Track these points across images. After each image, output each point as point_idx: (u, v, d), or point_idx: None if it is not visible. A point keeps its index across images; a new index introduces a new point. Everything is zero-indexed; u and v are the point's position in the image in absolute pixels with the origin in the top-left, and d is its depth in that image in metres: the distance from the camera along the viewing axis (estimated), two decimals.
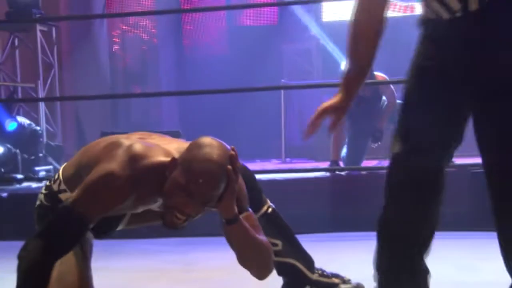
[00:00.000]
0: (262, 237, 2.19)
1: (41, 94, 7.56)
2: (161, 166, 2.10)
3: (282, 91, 7.77)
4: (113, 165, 2.07)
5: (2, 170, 6.23)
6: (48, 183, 2.39)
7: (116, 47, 9.15)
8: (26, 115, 7.39)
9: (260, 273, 2.22)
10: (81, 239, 2.14)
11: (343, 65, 5.80)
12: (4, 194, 5.12)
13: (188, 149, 2.10)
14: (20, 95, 7.72)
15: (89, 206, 2.06)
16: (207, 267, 3.81)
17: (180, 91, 8.54)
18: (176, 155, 2.12)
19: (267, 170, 5.67)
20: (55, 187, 2.34)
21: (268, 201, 2.75)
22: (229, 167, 2.05)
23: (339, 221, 4.79)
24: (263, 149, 8.05)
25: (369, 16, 2.08)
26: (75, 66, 8.13)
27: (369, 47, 2.12)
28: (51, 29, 7.85)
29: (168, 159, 2.11)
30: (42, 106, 7.52)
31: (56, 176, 2.36)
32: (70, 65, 8.18)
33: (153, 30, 9.21)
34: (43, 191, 2.39)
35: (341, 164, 5.75)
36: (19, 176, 6.06)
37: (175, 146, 2.21)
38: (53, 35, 7.90)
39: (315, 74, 8.50)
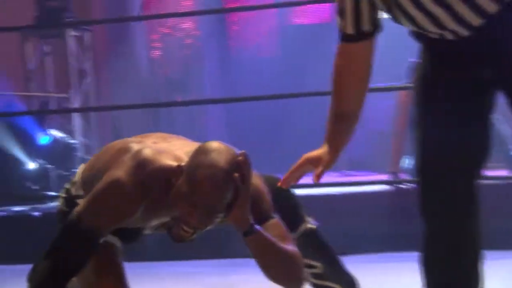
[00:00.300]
0: (290, 247, 2.18)
1: (75, 104, 7.69)
2: (169, 172, 2.12)
3: None
4: (120, 172, 2.12)
5: (35, 187, 6.36)
6: (67, 185, 2.44)
7: (155, 52, 9.25)
8: (59, 128, 7.45)
9: (291, 287, 2.22)
10: (92, 254, 2.16)
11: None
12: (37, 213, 5.23)
13: (194, 155, 2.11)
14: (52, 106, 7.82)
15: (97, 217, 2.12)
16: None
17: (226, 97, 8.51)
18: (186, 160, 2.14)
19: (313, 184, 5.63)
20: (73, 190, 2.40)
21: (308, 219, 2.74)
22: (236, 174, 2.05)
23: (400, 239, 4.80)
24: None
25: (350, 61, 2.07)
26: (112, 74, 8.23)
27: (352, 97, 2.08)
28: (84, 34, 7.97)
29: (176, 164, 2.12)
30: (77, 117, 7.65)
31: (75, 178, 2.42)
32: (106, 72, 8.29)
33: (195, 32, 9.28)
34: (62, 194, 2.44)
35: (403, 176, 5.75)
36: (53, 193, 6.11)
37: (187, 150, 2.21)
38: (87, 40, 8.04)
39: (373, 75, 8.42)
